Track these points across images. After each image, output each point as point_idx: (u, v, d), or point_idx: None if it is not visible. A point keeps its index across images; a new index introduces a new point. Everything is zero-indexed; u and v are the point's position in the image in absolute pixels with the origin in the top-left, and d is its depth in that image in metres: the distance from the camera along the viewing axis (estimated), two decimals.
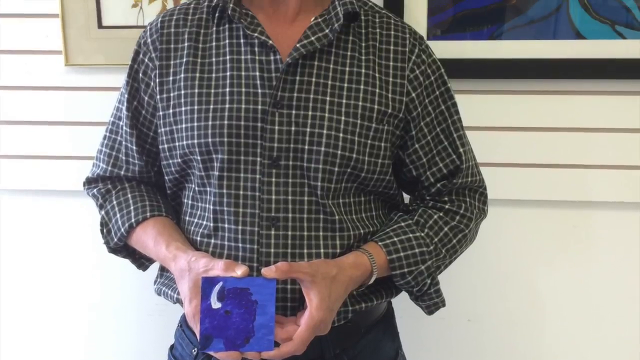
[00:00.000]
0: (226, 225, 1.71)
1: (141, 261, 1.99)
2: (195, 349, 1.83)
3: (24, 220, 2.73)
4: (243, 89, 1.71)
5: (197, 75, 1.75)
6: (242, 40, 1.75)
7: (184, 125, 1.74)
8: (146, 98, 1.84)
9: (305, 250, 1.71)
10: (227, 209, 1.71)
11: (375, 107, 1.74)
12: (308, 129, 1.69)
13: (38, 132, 2.59)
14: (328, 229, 1.72)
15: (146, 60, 1.83)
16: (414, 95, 1.79)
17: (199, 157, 1.72)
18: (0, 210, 2.73)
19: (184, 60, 1.77)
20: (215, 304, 1.56)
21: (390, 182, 1.84)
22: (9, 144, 2.61)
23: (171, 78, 1.79)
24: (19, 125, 2.59)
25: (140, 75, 1.85)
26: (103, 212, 1.91)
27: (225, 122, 1.69)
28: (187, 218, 1.83)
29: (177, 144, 1.76)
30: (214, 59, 1.77)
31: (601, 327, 2.62)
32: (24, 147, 2.61)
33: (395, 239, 1.77)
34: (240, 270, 1.56)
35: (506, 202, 2.50)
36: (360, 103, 1.72)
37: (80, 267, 2.74)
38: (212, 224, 1.73)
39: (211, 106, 1.71)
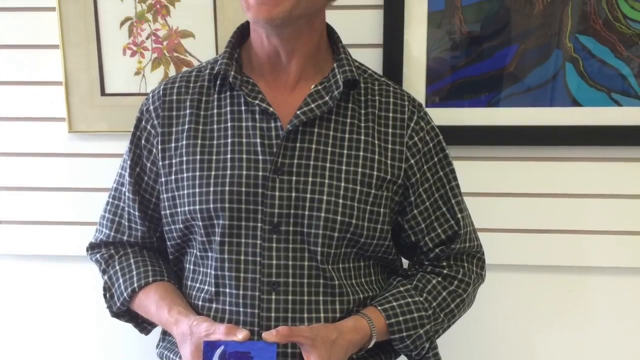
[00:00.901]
0: (227, 290, 1.72)
1: (143, 325, 1.99)
2: None
3: (27, 286, 2.73)
4: (244, 156, 1.73)
5: (199, 142, 1.77)
6: (243, 108, 1.77)
7: (185, 192, 1.76)
8: (148, 164, 1.86)
9: (306, 315, 1.72)
10: (228, 274, 1.72)
11: (375, 173, 1.76)
12: (308, 195, 1.71)
13: (42, 198, 2.60)
14: (328, 293, 1.73)
15: (148, 127, 1.85)
16: (412, 161, 1.81)
17: (200, 223, 1.74)
18: (3, 276, 2.74)
19: (186, 127, 1.79)
20: None
21: (390, 247, 1.85)
22: (14, 210, 2.63)
23: (173, 145, 1.80)
24: (24, 191, 2.61)
25: (143, 142, 1.86)
26: (106, 277, 1.92)
27: (227, 188, 1.71)
28: (189, 283, 1.84)
29: (179, 209, 1.78)
30: (215, 126, 1.79)
31: None
32: (29, 213, 2.62)
33: (394, 303, 1.78)
34: (241, 335, 1.56)
35: (503, 267, 2.51)
36: (359, 169, 1.74)
37: (83, 331, 2.74)
38: (213, 289, 1.74)
39: (212, 172, 1.73)
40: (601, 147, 2.41)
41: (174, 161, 1.79)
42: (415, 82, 2.39)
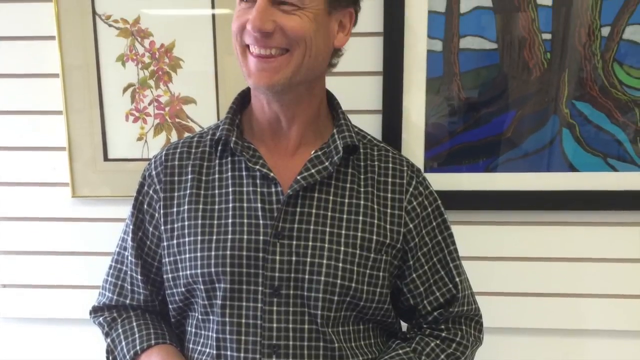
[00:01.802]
0: (229, 353, 1.72)
1: None
2: None
3: (29, 349, 2.73)
4: (245, 220, 1.74)
5: (201, 206, 1.79)
6: (244, 173, 1.79)
7: (187, 256, 1.77)
8: (151, 229, 1.87)
9: None
10: (229, 337, 1.72)
11: (374, 237, 1.77)
12: (308, 259, 1.71)
13: (45, 262, 2.62)
14: (328, 356, 1.73)
15: (151, 192, 1.87)
16: (411, 226, 1.83)
17: (202, 287, 1.74)
18: (6, 339, 2.74)
19: (188, 192, 1.81)
20: None
21: (389, 310, 1.85)
22: (18, 274, 2.64)
23: (175, 209, 1.82)
24: (27, 255, 2.62)
25: (145, 206, 1.88)
26: (109, 340, 1.92)
27: (228, 252, 1.72)
28: (191, 345, 1.84)
29: (180, 273, 1.79)
30: (216, 191, 1.80)
31: None
32: (32, 277, 2.63)
33: None
34: None
35: (501, 330, 2.52)
36: (359, 234, 1.75)
37: None
38: (215, 352, 1.74)
39: (214, 237, 1.74)
40: (598, 212, 2.43)
41: (175, 225, 1.81)
42: (414, 147, 2.41)
